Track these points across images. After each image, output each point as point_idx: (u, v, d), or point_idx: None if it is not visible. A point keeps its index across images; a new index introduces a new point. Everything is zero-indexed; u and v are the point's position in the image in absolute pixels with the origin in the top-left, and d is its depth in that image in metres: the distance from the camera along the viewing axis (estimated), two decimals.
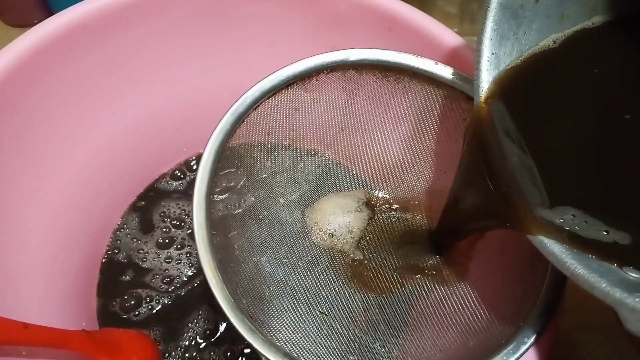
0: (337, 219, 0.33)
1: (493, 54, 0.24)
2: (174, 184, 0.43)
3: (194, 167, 0.43)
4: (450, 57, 0.31)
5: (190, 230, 0.40)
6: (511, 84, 0.24)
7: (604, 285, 0.18)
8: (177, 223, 0.41)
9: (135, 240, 0.40)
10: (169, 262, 0.39)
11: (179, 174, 0.43)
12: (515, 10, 0.24)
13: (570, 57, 0.25)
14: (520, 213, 0.22)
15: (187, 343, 0.35)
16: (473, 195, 0.26)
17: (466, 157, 0.25)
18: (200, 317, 0.36)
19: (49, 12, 0.50)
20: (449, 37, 0.32)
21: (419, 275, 0.32)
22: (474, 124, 0.24)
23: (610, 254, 0.20)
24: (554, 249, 0.20)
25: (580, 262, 0.20)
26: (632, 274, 0.19)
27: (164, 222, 0.41)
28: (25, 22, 0.51)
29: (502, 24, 0.24)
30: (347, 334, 0.29)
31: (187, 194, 0.42)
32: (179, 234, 0.40)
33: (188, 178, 0.43)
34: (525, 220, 0.21)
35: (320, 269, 0.31)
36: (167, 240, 0.40)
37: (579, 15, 0.25)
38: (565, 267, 0.20)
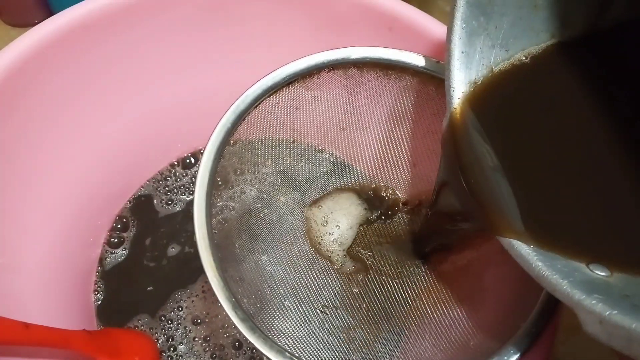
0: (338, 217, 0.33)
1: (463, 52, 0.24)
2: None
3: (194, 165, 0.43)
4: None
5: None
6: (482, 99, 0.24)
7: (564, 287, 0.18)
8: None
9: (134, 238, 0.40)
10: (169, 260, 0.39)
11: (179, 173, 0.43)
12: (484, 7, 0.23)
13: (541, 73, 0.24)
14: (490, 215, 0.22)
15: (186, 341, 0.35)
16: (450, 194, 0.26)
17: (443, 157, 0.25)
18: (200, 315, 0.36)
19: (49, 12, 0.50)
20: None
21: (420, 275, 0.31)
22: (448, 129, 0.24)
23: (576, 252, 0.20)
24: (522, 250, 0.20)
25: (546, 264, 0.19)
26: (598, 272, 0.19)
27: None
28: (25, 22, 0.51)
29: (471, 21, 0.23)
30: (348, 333, 0.29)
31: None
32: (179, 232, 0.40)
33: (189, 176, 0.43)
34: (494, 222, 0.21)
35: (321, 268, 0.31)
36: (166, 239, 0.40)
37: (555, 5, 0.24)
38: (531, 269, 0.20)
